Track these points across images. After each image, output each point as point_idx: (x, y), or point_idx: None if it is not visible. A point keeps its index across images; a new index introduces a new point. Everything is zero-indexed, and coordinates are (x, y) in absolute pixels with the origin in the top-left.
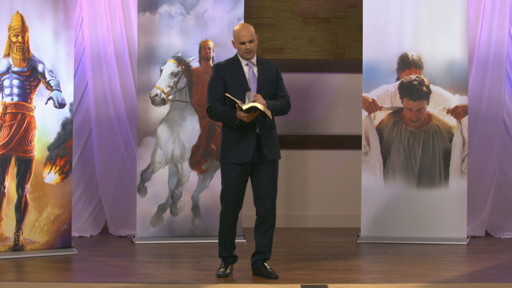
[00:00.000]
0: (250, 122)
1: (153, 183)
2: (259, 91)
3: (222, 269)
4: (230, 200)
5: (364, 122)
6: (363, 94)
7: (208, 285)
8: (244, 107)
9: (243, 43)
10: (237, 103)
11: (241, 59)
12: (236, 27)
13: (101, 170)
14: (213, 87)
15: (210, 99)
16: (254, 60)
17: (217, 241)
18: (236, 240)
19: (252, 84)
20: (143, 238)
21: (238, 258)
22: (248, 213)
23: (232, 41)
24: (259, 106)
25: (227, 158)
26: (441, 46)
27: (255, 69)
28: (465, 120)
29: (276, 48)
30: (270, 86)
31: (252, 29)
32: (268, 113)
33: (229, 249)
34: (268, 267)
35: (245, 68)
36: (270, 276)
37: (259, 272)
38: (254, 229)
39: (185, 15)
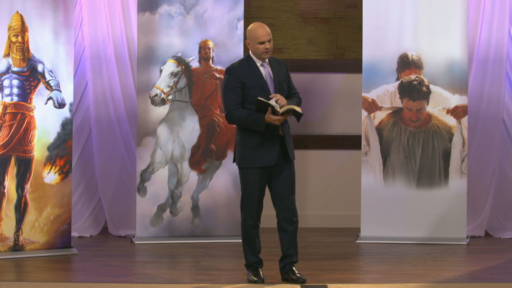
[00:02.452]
0: (273, 125)
1: (153, 183)
2: (277, 91)
3: (255, 277)
4: (254, 205)
5: (364, 122)
6: (363, 94)
7: (208, 285)
8: (281, 110)
9: (263, 43)
10: (271, 106)
11: (255, 59)
12: (252, 27)
13: (101, 170)
14: (231, 91)
15: (228, 104)
16: (266, 59)
17: (220, 241)
18: (235, 240)
19: (270, 85)
20: (142, 238)
21: (236, 258)
22: None
23: (247, 41)
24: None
25: (249, 162)
26: (441, 46)
27: (270, 69)
28: (465, 120)
29: (276, 48)
30: (284, 85)
31: (268, 28)
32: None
33: (257, 254)
34: (296, 271)
35: (261, 69)
36: (297, 281)
37: (287, 277)
38: (279, 232)
39: (184, 15)
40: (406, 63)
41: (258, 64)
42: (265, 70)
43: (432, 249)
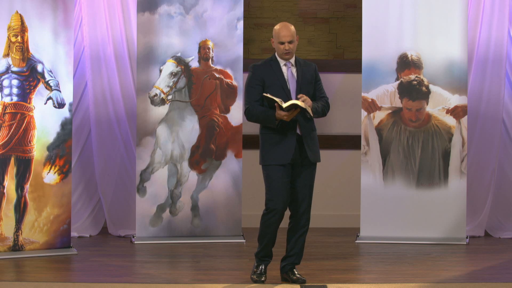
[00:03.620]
0: (291, 123)
1: (153, 183)
2: (298, 91)
3: (257, 277)
4: (279, 202)
5: (364, 122)
6: (363, 94)
7: (207, 285)
8: (284, 105)
9: (283, 43)
10: (276, 102)
11: (279, 59)
12: (277, 26)
13: (100, 170)
14: (251, 88)
15: (248, 100)
16: (292, 60)
17: (219, 241)
18: (235, 240)
19: (291, 85)
20: (142, 238)
21: (236, 258)
22: (247, 213)
23: (271, 39)
24: (299, 103)
25: (268, 160)
26: (440, 46)
27: (294, 70)
28: (464, 120)
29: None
30: (309, 87)
31: (293, 29)
32: (309, 109)
33: (271, 249)
34: (296, 272)
35: (284, 69)
36: (297, 281)
37: (287, 277)
38: (287, 232)
39: (184, 15)
40: (405, 63)
41: (281, 64)
42: (288, 70)
43: (432, 249)
